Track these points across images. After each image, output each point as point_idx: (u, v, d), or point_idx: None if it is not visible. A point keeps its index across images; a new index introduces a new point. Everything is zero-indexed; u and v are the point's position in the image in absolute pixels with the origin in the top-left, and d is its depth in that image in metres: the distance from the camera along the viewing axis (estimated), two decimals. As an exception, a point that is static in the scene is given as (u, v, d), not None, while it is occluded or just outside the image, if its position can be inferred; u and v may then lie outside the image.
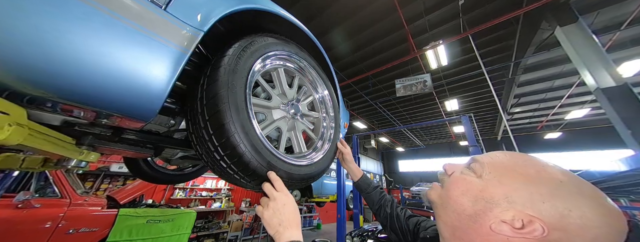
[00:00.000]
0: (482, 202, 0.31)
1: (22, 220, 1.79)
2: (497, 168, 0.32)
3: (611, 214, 0.26)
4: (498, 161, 0.34)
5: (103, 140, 0.61)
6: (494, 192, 0.30)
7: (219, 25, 0.70)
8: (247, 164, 0.48)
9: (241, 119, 0.48)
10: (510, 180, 0.30)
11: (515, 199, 0.29)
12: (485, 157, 0.36)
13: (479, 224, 0.30)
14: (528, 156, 0.33)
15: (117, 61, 0.38)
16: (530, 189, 0.28)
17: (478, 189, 0.32)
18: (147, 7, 0.40)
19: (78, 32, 0.34)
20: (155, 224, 2.43)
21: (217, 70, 0.49)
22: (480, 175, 0.33)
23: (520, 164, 0.31)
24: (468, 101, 9.20)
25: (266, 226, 0.43)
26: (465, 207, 0.32)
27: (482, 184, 0.32)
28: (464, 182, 0.34)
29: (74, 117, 0.50)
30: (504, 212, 0.29)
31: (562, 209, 0.26)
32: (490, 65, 6.13)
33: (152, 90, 0.42)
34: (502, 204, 0.29)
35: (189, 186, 4.79)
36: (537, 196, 0.28)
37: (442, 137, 14.92)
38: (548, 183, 0.28)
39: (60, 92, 0.36)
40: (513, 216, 0.28)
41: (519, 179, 0.30)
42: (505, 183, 0.30)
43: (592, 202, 0.26)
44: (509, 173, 0.31)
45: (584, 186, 0.28)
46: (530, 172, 0.30)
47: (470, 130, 3.55)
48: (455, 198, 0.34)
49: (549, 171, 0.30)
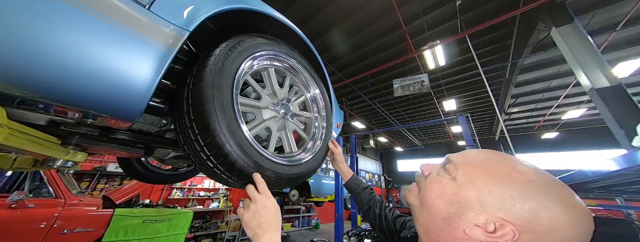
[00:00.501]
0: (456, 206, 0.30)
1: (16, 220, 1.77)
2: (470, 169, 0.32)
3: (579, 215, 0.26)
4: (471, 161, 0.33)
5: (91, 140, 0.61)
6: (467, 195, 0.30)
7: (209, 24, 0.70)
8: (233, 163, 0.48)
9: (227, 118, 0.48)
10: (482, 182, 0.30)
11: (487, 201, 0.28)
12: (459, 157, 0.35)
13: (452, 228, 0.30)
14: (501, 154, 0.33)
15: (99, 61, 0.37)
16: (502, 191, 0.28)
17: (452, 191, 0.32)
18: (130, 6, 0.40)
19: (59, 32, 0.34)
20: (152, 224, 2.42)
21: (203, 70, 0.49)
22: (455, 177, 0.33)
23: (492, 165, 0.31)
24: (466, 101, 9.25)
25: (245, 228, 0.43)
26: (440, 210, 0.32)
27: (456, 187, 0.32)
28: (439, 185, 0.34)
29: (60, 117, 0.50)
30: (477, 216, 0.29)
31: (531, 211, 0.26)
32: (487, 65, 6.17)
33: (136, 90, 0.42)
34: (475, 207, 0.29)
35: (186, 186, 4.77)
36: (508, 198, 0.27)
37: (440, 137, 14.98)
38: (518, 184, 0.28)
39: (42, 92, 0.36)
40: (486, 220, 0.28)
41: (491, 180, 0.30)
42: (478, 185, 0.30)
43: (560, 203, 0.26)
44: (482, 174, 0.31)
45: (553, 186, 0.28)
46: (502, 173, 0.30)
47: (467, 130, 3.57)
48: (430, 201, 0.33)
49: (520, 170, 0.29)
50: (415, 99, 9.08)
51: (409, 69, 6.83)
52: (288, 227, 6.06)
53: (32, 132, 0.44)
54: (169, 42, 0.45)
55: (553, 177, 0.29)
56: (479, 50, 5.91)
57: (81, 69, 0.36)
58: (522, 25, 4.85)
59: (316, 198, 4.83)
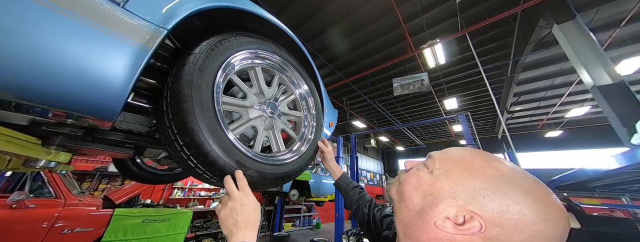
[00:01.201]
0: (430, 198, 0.31)
1: (16, 220, 1.80)
2: (446, 163, 0.33)
3: (550, 211, 0.25)
4: (449, 156, 0.34)
5: (76, 140, 0.60)
6: (441, 187, 0.30)
7: (197, 22, 0.69)
8: (213, 163, 0.47)
9: (206, 118, 0.48)
10: (456, 174, 0.30)
11: (459, 193, 0.29)
12: (439, 153, 0.36)
13: (425, 221, 0.30)
14: (481, 152, 0.33)
15: (73, 60, 0.37)
16: (474, 183, 0.28)
17: (428, 183, 0.32)
18: (103, 4, 0.40)
19: (31, 32, 0.33)
20: (151, 224, 2.44)
21: (182, 68, 0.49)
22: (432, 170, 0.33)
23: (468, 159, 0.32)
24: (467, 100, 9.17)
25: (221, 225, 0.43)
26: (415, 203, 0.32)
27: (431, 179, 0.32)
28: (417, 178, 0.34)
29: (41, 117, 0.49)
30: (448, 208, 0.29)
31: (500, 205, 0.26)
32: (488, 63, 6.10)
33: (112, 89, 0.42)
34: (447, 199, 0.29)
35: (187, 186, 4.80)
36: (479, 190, 0.27)
37: (441, 136, 14.89)
38: (490, 178, 0.28)
39: (16, 93, 0.35)
40: (456, 212, 0.28)
41: (464, 173, 0.30)
42: (451, 178, 0.30)
43: (531, 199, 0.26)
44: (456, 167, 0.31)
45: (527, 182, 0.27)
46: (475, 166, 0.30)
47: (468, 129, 3.54)
48: (408, 194, 0.34)
49: (494, 165, 0.30)
50: (415, 98, 9.03)
51: (409, 68, 6.79)
52: (289, 226, 6.07)
53: (9, 132, 0.44)
54: (146, 39, 0.45)
55: (529, 174, 0.29)
56: (479, 48, 5.85)
57: (55, 68, 0.36)
58: (523, 22, 4.79)
59: (316, 198, 4.82)
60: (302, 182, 4.47)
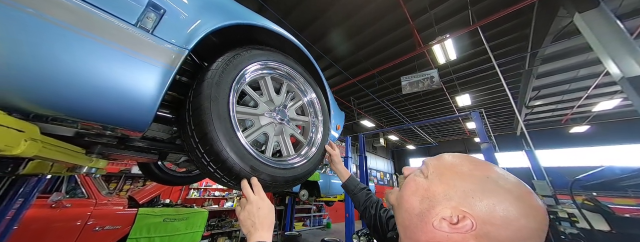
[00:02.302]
0: (427, 201, 0.33)
1: (56, 218, 1.99)
2: (439, 168, 0.36)
3: (529, 207, 0.28)
4: (441, 162, 0.37)
5: (111, 148, 0.68)
6: (436, 190, 0.33)
7: (212, 38, 0.75)
8: (230, 168, 0.52)
9: (224, 127, 0.53)
10: (448, 178, 0.33)
11: (452, 195, 0.31)
12: (432, 159, 0.39)
13: (424, 223, 0.32)
14: (468, 156, 0.36)
15: (111, 82, 0.43)
16: (464, 185, 0.31)
17: (424, 188, 0.35)
18: (136, 32, 0.46)
19: (79, 60, 0.40)
20: (171, 223, 2.59)
21: (202, 83, 0.54)
22: (427, 175, 0.36)
23: (457, 163, 0.35)
24: (481, 96, 8.78)
25: (241, 226, 0.48)
26: (414, 207, 0.34)
27: (427, 183, 0.35)
28: (414, 183, 0.37)
29: (84, 129, 0.57)
30: (444, 209, 0.31)
31: (488, 204, 0.29)
32: (504, 57, 5.81)
33: (144, 105, 0.48)
34: (442, 201, 0.32)
35: (202, 186, 5.02)
36: (470, 192, 0.30)
37: (455, 133, 14.36)
38: (477, 180, 0.31)
39: (67, 112, 0.42)
40: (451, 213, 0.30)
41: (455, 176, 0.33)
42: (444, 181, 0.33)
43: (513, 197, 0.28)
44: (448, 172, 0.34)
45: (509, 182, 0.30)
46: (464, 170, 0.33)
47: (481, 126, 3.40)
48: (406, 198, 0.36)
49: (480, 168, 0.33)
50: (425, 96, 8.80)
51: (418, 65, 6.63)
52: (299, 226, 6.15)
53: (61, 144, 0.51)
54: (171, 60, 0.51)
55: (512, 176, 0.32)
56: (493, 41, 5.59)
57: (97, 90, 0.42)
58: (541, 12, 4.52)
59: (326, 198, 4.86)
60: (311, 183, 4.53)
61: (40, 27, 0.36)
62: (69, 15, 0.38)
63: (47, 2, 0.36)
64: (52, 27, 0.37)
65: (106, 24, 0.42)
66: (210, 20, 0.58)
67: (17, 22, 0.34)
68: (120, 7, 0.44)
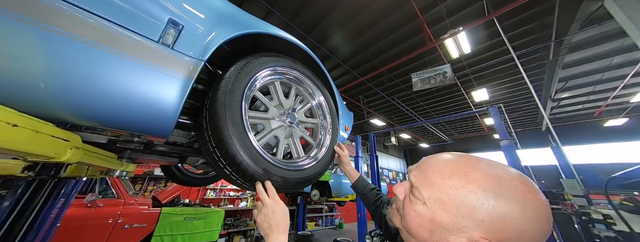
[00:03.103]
0: (438, 233, 0.32)
1: (91, 217, 2.19)
2: (432, 191, 0.33)
3: (537, 208, 0.28)
4: (430, 181, 0.34)
5: (138, 153, 0.75)
6: (441, 220, 0.31)
7: (225, 47, 0.80)
8: (244, 171, 0.56)
9: (237, 132, 0.56)
10: (447, 204, 0.31)
11: (461, 223, 0.30)
12: (417, 176, 0.36)
13: None
14: (450, 162, 0.34)
15: (139, 95, 0.48)
16: (467, 209, 0.30)
17: (428, 219, 0.33)
18: (158, 48, 0.50)
19: (110, 76, 0.45)
20: (191, 221, 2.74)
21: (217, 92, 0.58)
22: (424, 202, 0.34)
23: (447, 181, 0.32)
24: (500, 90, 8.29)
25: (258, 228, 0.51)
26: (425, 238, 0.33)
27: (430, 212, 0.33)
28: (415, 214, 0.35)
29: (115, 136, 0.63)
30: (459, 239, 0.30)
31: (498, 222, 0.28)
32: (524, 47, 5.45)
33: (166, 114, 0.52)
34: (453, 231, 0.30)
35: (218, 186, 5.23)
36: (475, 215, 0.29)
37: (472, 130, 13.67)
38: (475, 197, 0.29)
39: (103, 122, 0.47)
40: (467, 240, 0.29)
41: (454, 198, 0.31)
42: (446, 208, 0.31)
43: (517, 205, 0.28)
44: (443, 195, 0.32)
45: (501, 184, 0.29)
46: (458, 187, 0.31)
47: (500, 122, 3.22)
48: (414, 230, 0.35)
49: (472, 180, 0.31)
50: (438, 92, 8.47)
51: (429, 61, 6.41)
52: (312, 226, 6.19)
53: (97, 150, 0.57)
54: (190, 71, 0.55)
55: (503, 176, 0.30)
56: (511, 32, 5.26)
57: (127, 103, 0.47)
58: (565, -3, 4.18)
59: (337, 198, 4.85)
60: (322, 183, 4.54)
61: (81, 50, 0.41)
62: (102, 37, 0.43)
63: (84, 26, 0.41)
64: (90, 48, 0.42)
65: (133, 43, 0.46)
66: (223, 31, 0.62)
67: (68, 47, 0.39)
68: (145, 26, 0.48)
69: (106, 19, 0.43)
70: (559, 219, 2.81)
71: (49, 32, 0.38)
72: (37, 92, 0.38)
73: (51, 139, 0.41)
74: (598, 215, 2.30)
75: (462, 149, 14.24)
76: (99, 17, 0.42)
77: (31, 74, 0.37)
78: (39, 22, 0.37)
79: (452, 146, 14.41)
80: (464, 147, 14.24)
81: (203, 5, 0.61)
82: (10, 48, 0.35)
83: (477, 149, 13.72)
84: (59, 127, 0.45)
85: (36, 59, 0.37)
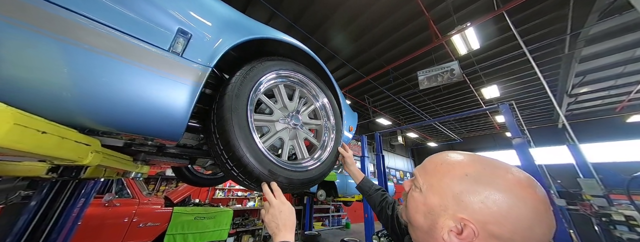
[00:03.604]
0: (429, 216, 0.33)
1: (108, 216, 2.30)
2: (426, 176, 0.36)
3: (519, 196, 0.28)
4: (425, 170, 0.37)
5: (152, 155, 0.79)
6: (432, 203, 0.33)
7: (232, 52, 0.83)
8: (251, 172, 0.58)
9: (244, 135, 0.58)
10: (436, 187, 0.34)
11: (446, 205, 0.32)
12: (419, 168, 0.39)
13: (434, 238, 0.33)
14: (445, 155, 0.36)
15: (151, 101, 0.51)
16: (451, 190, 0.32)
17: (422, 202, 0.35)
18: (169, 56, 0.53)
19: (125, 84, 0.48)
20: (201, 221, 2.82)
21: (224, 97, 0.60)
22: (420, 188, 0.36)
23: (438, 168, 0.35)
24: (511, 86, 8.00)
25: (266, 227, 0.53)
26: (420, 223, 0.35)
27: (423, 197, 0.35)
28: (413, 200, 0.37)
29: (130, 140, 0.67)
30: (446, 221, 0.31)
31: (478, 202, 0.29)
32: (538, 41, 5.23)
33: (177, 119, 0.55)
34: (441, 213, 0.32)
35: (226, 187, 5.34)
36: (458, 195, 0.31)
37: (482, 128, 13.25)
38: (459, 180, 0.31)
39: (119, 128, 0.51)
40: (453, 223, 0.31)
41: (441, 183, 0.33)
42: (435, 192, 0.33)
43: (498, 189, 0.28)
44: (434, 179, 0.34)
45: (485, 171, 0.30)
46: (444, 171, 0.33)
47: (512, 120, 3.11)
48: (412, 216, 0.37)
49: (458, 166, 0.32)
50: (446, 90, 8.28)
51: (436, 58, 6.28)
52: (319, 226, 6.21)
53: (115, 154, 0.61)
54: (198, 77, 0.58)
55: (491, 165, 0.31)
56: (523, 25, 5.07)
57: (141, 109, 0.50)
58: (580, -12, 3.98)
59: (343, 198, 4.85)
60: (328, 183, 4.55)
61: (100, 61, 0.44)
62: (118, 47, 0.46)
63: (103, 39, 0.44)
64: (108, 59, 0.45)
65: (146, 52, 0.49)
66: (229, 38, 0.65)
67: (89, 59, 0.43)
68: (156, 36, 0.51)
69: (122, 32, 0.46)
70: (576, 220, 2.69)
71: (74, 46, 0.41)
72: (63, 102, 0.42)
73: (75, 144, 0.44)
74: (619, 216, 2.19)
75: (472, 148, 13.84)
76: (115, 30, 0.46)
77: (57, 85, 0.40)
78: (66, 38, 0.40)
79: (462, 145, 14.04)
80: (474, 146, 13.83)
81: (209, 14, 0.64)
82: (39, 62, 0.39)
83: (488, 147, 13.29)
84: (81, 132, 0.49)
85: (61, 71, 0.40)
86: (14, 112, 0.33)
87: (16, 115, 0.33)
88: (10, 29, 0.36)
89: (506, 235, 0.27)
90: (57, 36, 0.40)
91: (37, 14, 0.38)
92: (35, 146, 0.36)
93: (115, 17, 0.46)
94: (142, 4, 0.50)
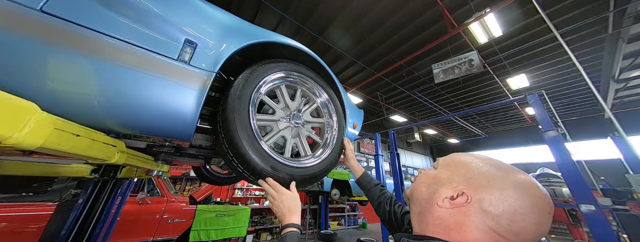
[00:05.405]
0: (433, 185, 0.39)
1: (142, 212, 2.55)
2: (446, 160, 0.43)
3: (524, 187, 0.32)
4: (451, 157, 0.44)
5: (170, 155, 0.87)
6: (442, 176, 0.39)
7: (236, 56, 0.88)
8: (254, 168, 0.61)
9: (247, 134, 0.62)
10: (453, 166, 0.40)
11: (454, 178, 0.37)
12: (443, 158, 0.45)
13: (431, 204, 0.37)
14: (469, 153, 0.42)
15: (165, 106, 0.57)
16: (464, 170, 0.38)
17: (432, 176, 0.41)
18: (178, 65, 0.59)
19: (142, 92, 0.54)
20: (222, 218, 3.00)
21: (227, 99, 0.65)
22: (436, 167, 0.43)
23: (460, 158, 0.41)
24: (543, 74, 7.23)
25: (275, 213, 0.61)
26: (422, 192, 0.40)
27: (435, 172, 0.42)
28: (424, 174, 0.43)
29: (151, 142, 0.76)
30: (446, 190, 0.36)
31: (484, 181, 0.34)
32: (571, 23, 4.68)
33: (187, 121, 0.61)
34: (445, 183, 0.37)
35: (244, 186, 5.59)
36: (469, 173, 0.36)
37: (511, 122, 12.15)
38: (478, 167, 0.37)
39: (138, 130, 0.58)
40: (453, 192, 0.35)
41: (459, 165, 0.39)
42: (450, 169, 0.40)
43: (510, 180, 0.33)
44: (454, 162, 0.41)
45: (508, 170, 0.36)
46: (469, 160, 0.40)
47: (543, 111, 2.82)
48: (417, 187, 0.42)
49: (485, 161, 0.38)
50: (466, 82, 7.76)
51: (452, 49, 5.92)
52: (335, 225, 6.20)
53: (138, 154, 0.69)
54: (204, 82, 0.63)
55: (503, 167, 0.37)
56: (553, 7, 4.57)
57: (156, 113, 0.56)
58: (621, -42, 3.48)
59: (358, 197, 4.79)
60: (342, 182, 4.53)
61: (121, 73, 0.51)
62: (135, 59, 0.53)
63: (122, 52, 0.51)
64: (126, 71, 0.51)
65: (158, 63, 0.56)
66: (231, 43, 0.70)
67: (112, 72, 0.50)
68: (166, 47, 0.57)
69: (137, 46, 0.53)
70: (626, 222, 2.36)
71: (101, 62, 0.48)
72: (92, 109, 0.49)
73: (103, 145, 0.52)
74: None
75: (500, 144, 12.77)
76: (132, 45, 0.52)
77: (88, 95, 0.48)
78: (94, 55, 0.47)
79: (488, 140, 13.04)
80: (502, 141, 12.76)
81: (212, 23, 0.69)
82: (74, 77, 0.46)
83: (519, 143, 12.14)
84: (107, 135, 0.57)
85: (91, 84, 0.47)
86: (53, 118, 0.39)
87: (55, 121, 0.40)
88: (54, 52, 0.43)
89: (495, 212, 0.31)
90: (89, 54, 0.47)
91: (73, 37, 0.45)
92: (71, 146, 0.43)
93: (131, 32, 0.53)
94: (154, 20, 0.56)
